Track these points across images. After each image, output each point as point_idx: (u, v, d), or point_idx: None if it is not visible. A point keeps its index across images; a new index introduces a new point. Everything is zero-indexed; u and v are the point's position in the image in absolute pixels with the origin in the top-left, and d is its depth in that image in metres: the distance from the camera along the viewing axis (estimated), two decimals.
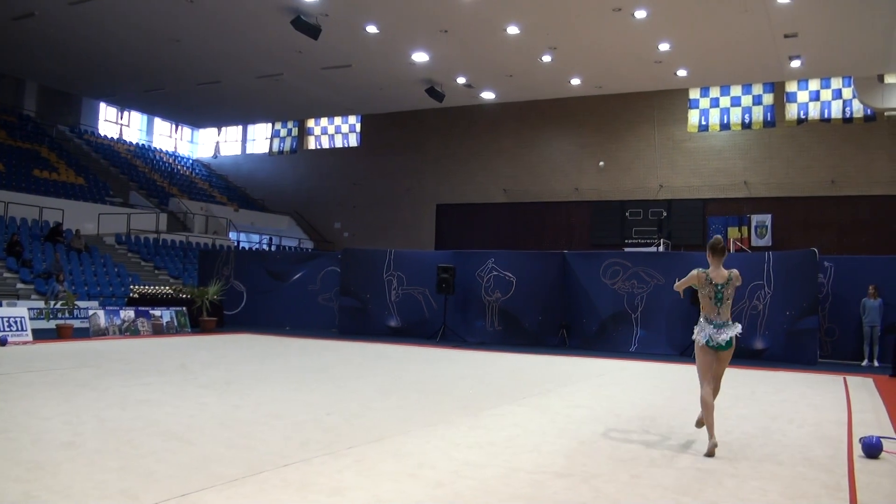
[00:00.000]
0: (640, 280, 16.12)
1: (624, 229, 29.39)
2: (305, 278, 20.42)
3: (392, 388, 9.29)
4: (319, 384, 9.38)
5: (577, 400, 8.74)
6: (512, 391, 9.37)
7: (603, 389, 9.75)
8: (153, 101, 34.31)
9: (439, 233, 33.32)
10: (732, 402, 8.83)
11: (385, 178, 34.72)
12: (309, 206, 36.79)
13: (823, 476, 5.36)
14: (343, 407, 7.68)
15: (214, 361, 11.68)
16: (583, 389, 9.71)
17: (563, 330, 16.89)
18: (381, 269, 18.96)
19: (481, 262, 17.90)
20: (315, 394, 8.53)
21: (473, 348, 15.94)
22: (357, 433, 6.35)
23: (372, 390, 8.98)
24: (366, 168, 35.36)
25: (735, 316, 14.83)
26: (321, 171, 36.65)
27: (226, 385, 9.01)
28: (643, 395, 9.29)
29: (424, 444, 5.97)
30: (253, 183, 38.79)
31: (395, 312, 18.71)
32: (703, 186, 28.42)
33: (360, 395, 8.53)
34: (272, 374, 10.23)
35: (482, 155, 32.56)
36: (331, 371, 10.91)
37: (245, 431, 6.27)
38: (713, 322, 6.21)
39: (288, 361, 12.10)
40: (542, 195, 31.12)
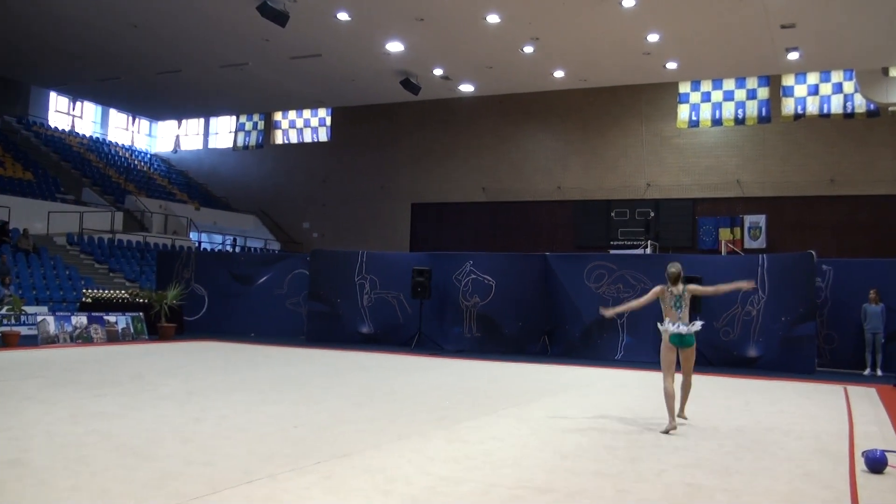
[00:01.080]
0: (627, 284, 16.20)
1: (609, 230, 29.56)
2: (272, 282, 20.31)
3: (364, 398, 9.27)
4: (286, 395, 9.33)
5: (559, 411, 8.77)
6: (491, 401, 9.38)
7: (587, 399, 9.78)
8: (108, 90, 33.95)
9: (414, 233, 33.31)
10: (725, 413, 8.90)
11: (357, 176, 34.65)
12: (276, 205, 36.63)
13: (823, 492, 5.36)
14: (311, 419, 7.65)
15: (174, 371, 11.58)
16: (566, 399, 9.74)
17: (545, 337, 16.93)
18: (353, 271, 18.90)
19: (459, 264, 17.90)
20: (281, 405, 8.49)
21: (450, 356, 15.94)
22: (326, 447, 6.32)
23: (342, 401, 8.95)
24: (336, 164, 35.27)
25: (727, 321, 15.15)
26: (289, 168, 36.50)
27: (186, 396, 8.93)
28: (630, 405, 9.34)
29: (397, 459, 5.96)
30: (216, 179, 38.54)
31: (367, 318, 18.66)
32: (693, 185, 28.67)
33: (329, 407, 8.49)
34: (236, 385, 10.16)
35: (460, 151, 32.60)
36: (298, 381, 10.86)
37: (206, 446, 6.22)
38: (675, 324, 7.94)
39: (253, 371, 12.03)
40: (524, 194, 31.22)
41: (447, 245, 30.26)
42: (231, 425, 7.16)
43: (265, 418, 7.61)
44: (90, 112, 38.41)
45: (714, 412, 8.99)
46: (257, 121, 37.53)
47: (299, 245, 35.11)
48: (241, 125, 38.01)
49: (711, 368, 14.45)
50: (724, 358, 15.18)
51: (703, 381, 12.48)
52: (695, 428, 7.83)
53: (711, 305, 15.29)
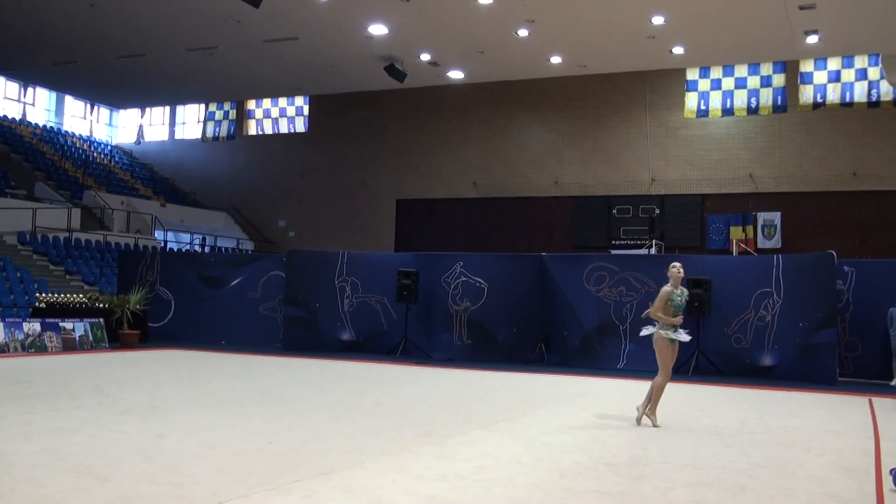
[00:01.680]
0: (630, 287, 16.22)
1: (611, 229, 29.61)
2: (244, 285, 20.24)
3: (344, 411, 9.23)
4: (260, 408, 9.28)
5: (557, 425, 8.75)
6: (482, 414, 9.36)
7: (587, 412, 9.77)
8: (64, 76, 33.75)
9: (400, 232, 33.27)
10: (738, 427, 8.90)
11: (337, 170, 34.59)
12: (249, 201, 36.53)
13: None
14: (288, 434, 7.61)
15: (137, 382, 11.51)
16: (564, 412, 9.73)
17: (542, 344, 16.93)
18: (333, 273, 18.85)
19: (448, 266, 17.88)
20: (255, 419, 8.44)
21: (439, 365, 15.92)
22: (304, 465, 6.29)
23: (321, 414, 8.91)
24: (315, 158, 35.20)
25: (738, 328, 15.14)
26: (263, 161, 36.40)
27: (150, 410, 8.88)
28: (634, 418, 9.32)
29: (381, 478, 5.93)
30: (183, 173, 38.41)
31: (348, 324, 18.61)
32: (701, 180, 28.74)
33: (307, 421, 8.45)
34: (205, 397, 10.10)
35: (449, 143, 32.59)
36: (273, 392, 10.82)
37: (172, 465, 6.17)
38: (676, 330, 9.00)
39: (224, 382, 11.97)
40: (518, 189, 31.24)
41: (435, 245, 30.22)
42: (199, 442, 7.11)
43: (237, 433, 7.56)
44: (43, 99, 38.20)
45: (726, 426, 8.99)
46: (228, 110, 37.42)
47: (274, 245, 35.01)
48: (211, 114, 37.88)
49: (722, 378, 14.48)
50: (735, 367, 15.21)
51: (714, 392, 12.50)
52: (705, 443, 7.83)
53: (722, 310, 15.34)
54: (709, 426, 8.88)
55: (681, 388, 12.74)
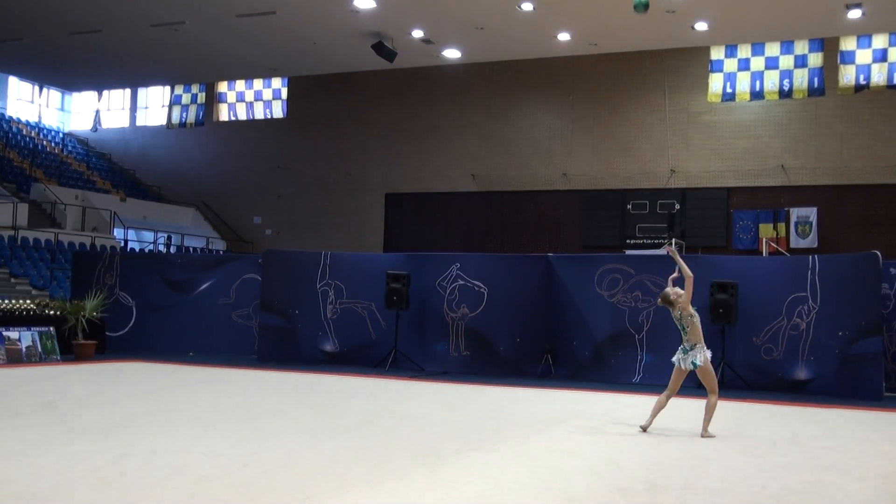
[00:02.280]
0: (647, 291, 16.19)
1: (625, 226, 29.62)
2: (215, 289, 20.20)
3: (327, 431, 9.20)
4: (232, 427, 9.25)
5: (565, 446, 8.73)
6: (482, 434, 9.33)
7: (599, 432, 9.76)
8: (8, 54, 33.66)
9: (389, 231, 33.27)
10: (768, 448, 8.89)
11: (319, 160, 34.58)
12: (220, 196, 36.50)
13: None
14: (263, 457, 7.59)
15: (93, 398, 11.47)
16: (573, 432, 9.71)
17: (548, 355, 16.90)
18: (314, 276, 18.82)
19: (443, 268, 17.85)
20: (226, 440, 8.41)
21: (433, 379, 15.88)
22: (281, 491, 6.27)
23: (300, 435, 8.88)
24: (294, 147, 35.18)
25: (769, 337, 15.14)
26: (236, 150, 36.38)
27: (108, 430, 8.84)
28: (651, 439, 9.32)
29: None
30: (146, 165, 38.36)
31: (331, 333, 18.59)
32: (727, 172, 28.77)
33: (284, 442, 8.43)
34: (170, 415, 10.07)
35: (444, 131, 32.59)
36: (247, 410, 10.80)
37: (132, 490, 6.14)
38: (683, 348, 9.92)
39: (191, 398, 11.95)
40: (521, 182, 31.24)
41: (429, 245, 30.21)
42: (164, 465, 7.08)
43: (206, 456, 7.53)
44: None
45: (755, 446, 8.97)
46: (197, 93, 37.39)
47: (249, 245, 34.98)
48: (177, 98, 37.84)
49: (751, 394, 14.45)
50: (766, 381, 15.19)
51: (742, 410, 12.48)
52: (732, 466, 7.81)
53: (751, 318, 15.32)
54: (736, 447, 8.86)
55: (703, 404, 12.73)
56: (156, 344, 19.98)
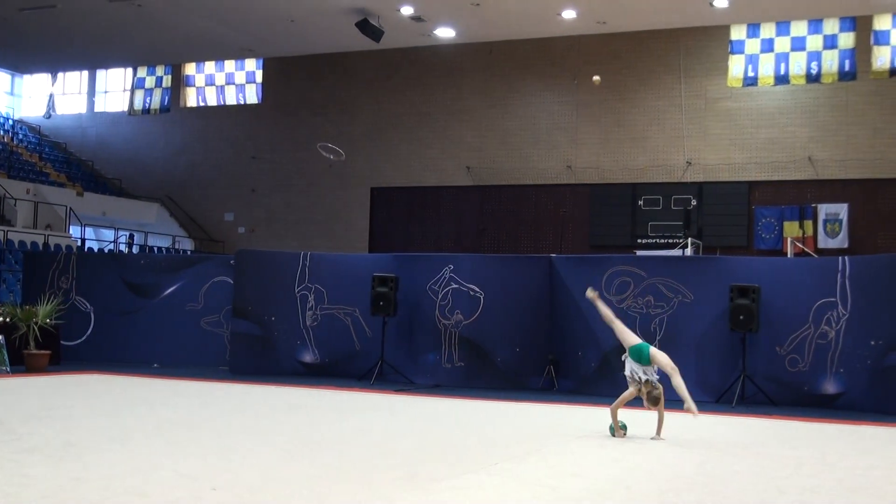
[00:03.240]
0: (660, 296, 16.22)
1: (636, 224, 29.65)
2: (182, 293, 20.17)
3: (304, 450, 9.19)
4: (201, 446, 9.24)
5: (569, 466, 8.74)
6: (478, 454, 9.34)
7: (607, 451, 9.76)
8: None
9: (375, 229, 33.24)
10: (793, 469, 8.90)
11: (298, 151, 34.54)
12: (188, 190, 36.44)
13: None
14: (235, 478, 7.58)
15: (46, 414, 11.42)
16: (578, 451, 9.72)
17: (551, 367, 16.91)
18: (292, 279, 18.80)
19: (435, 270, 17.84)
20: (195, 459, 8.40)
21: (423, 393, 15.89)
22: None
23: (276, 454, 8.87)
24: (270, 135, 35.14)
25: (794, 346, 15.17)
26: (205, 139, 36.34)
27: (63, 449, 8.82)
28: (665, 460, 9.33)
29: None
30: (105, 155, 38.27)
31: (311, 342, 18.57)
32: (748, 164, 28.81)
33: (258, 461, 8.42)
34: (132, 433, 10.05)
35: (436, 119, 32.58)
36: (217, 427, 10.78)
37: None
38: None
39: (156, 413, 11.91)
40: (522, 176, 31.25)
41: (419, 244, 30.21)
42: (125, 487, 7.06)
43: (172, 477, 7.51)
44: None
45: (777, 467, 8.99)
46: (162, 76, 37.35)
47: (220, 244, 34.93)
48: (140, 81, 37.78)
49: (774, 409, 14.48)
50: (790, 395, 15.21)
51: (764, 426, 12.51)
52: (751, 488, 7.83)
53: (774, 325, 15.32)
54: (758, 468, 8.88)
55: (723, 422, 12.75)
56: (116, 354, 19.93)
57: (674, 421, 12.94)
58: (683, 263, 17.70)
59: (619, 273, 16.60)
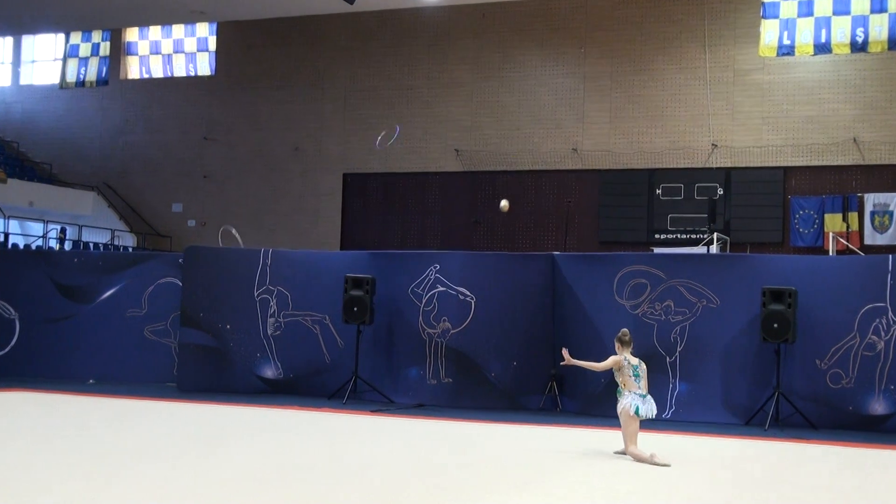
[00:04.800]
0: (680, 300, 16.21)
1: (653, 217, 29.65)
2: (123, 297, 20.09)
3: (264, 483, 9.17)
4: (139, 476, 9.21)
5: (574, 501, 8.74)
6: (467, 486, 9.34)
7: (618, 484, 9.76)
8: None
9: (349, 222, 33.20)
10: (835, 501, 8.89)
11: (258, 131, 34.47)
12: (129, 176, 36.33)
13: None
14: None
15: None
16: (584, 484, 9.72)
17: (553, 384, 16.88)
18: (251, 281, 18.75)
19: (419, 270, 17.80)
20: (132, 491, 8.38)
21: (405, 414, 15.88)
22: None
23: (227, 485, 8.85)
24: (225, 112, 35.06)
25: (837, 360, 15.14)
26: (150, 117, 36.23)
27: None
28: (687, 495, 9.32)
29: None
30: (33, 135, 38.13)
31: (273, 355, 18.53)
32: (784, 147, 28.82)
33: (207, 494, 8.41)
34: (61, 459, 10.01)
35: (420, 93, 32.55)
36: (160, 454, 10.73)
37: None
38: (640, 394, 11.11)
39: (91, 438, 11.87)
40: (519, 160, 31.23)
41: (400, 240, 30.20)
42: None
43: None
44: None
45: (817, 501, 8.99)
46: (99, 43, 37.21)
47: (166, 240, 34.84)
48: (74, 49, 37.64)
49: (813, 433, 14.48)
50: (832, 416, 15.20)
51: (801, 452, 12.53)
52: None
53: (813, 334, 15.28)
54: (794, 501, 8.88)
55: (754, 447, 12.76)
56: (45, 368, 19.86)
57: (698, 446, 12.97)
58: (708, 263, 17.67)
59: (633, 274, 16.59)
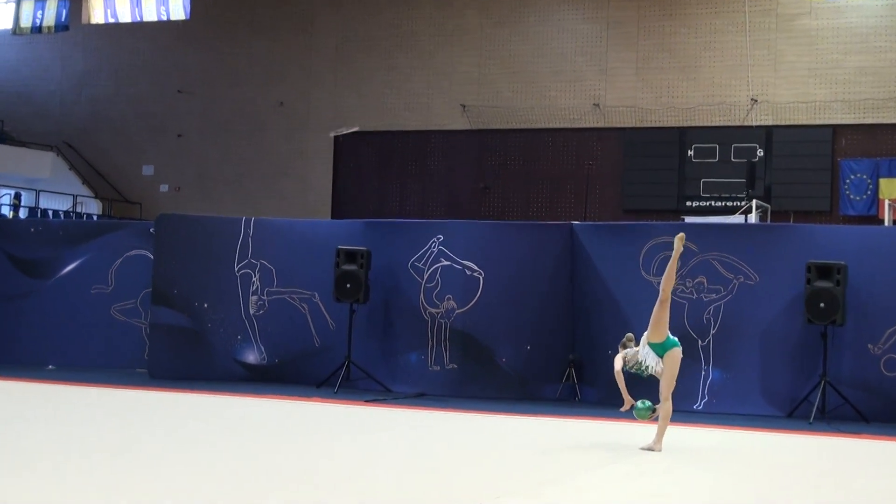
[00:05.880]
0: (715, 276, 16.20)
1: (684, 181, 29.62)
2: (87, 272, 20.11)
3: (246, 483, 9.18)
4: (107, 475, 9.23)
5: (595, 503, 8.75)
6: (474, 487, 9.35)
7: (643, 484, 9.78)
8: None
9: (340, 187, 33.18)
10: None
11: (239, 84, 34.43)
12: (93, 135, 36.30)
13: None
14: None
15: None
16: (606, 484, 9.74)
17: (571, 370, 16.91)
18: (231, 254, 18.75)
19: (420, 242, 17.80)
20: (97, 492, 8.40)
21: (404, 405, 15.93)
22: None
23: (205, 487, 8.85)
24: (202, 63, 34.99)
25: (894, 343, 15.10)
26: (116, 68, 36.18)
27: None
28: (720, 497, 9.34)
29: None
30: None
31: (255, 338, 18.55)
32: (833, 102, 28.75)
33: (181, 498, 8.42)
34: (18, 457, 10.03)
35: (420, 42, 32.47)
36: (128, 450, 10.73)
37: None
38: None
39: (50, 432, 11.86)
40: (534, 117, 31.19)
41: (398, 208, 30.19)
42: None
43: None
44: None
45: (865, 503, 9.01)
46: None
47: (136, 207, 34.84)
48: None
49: (864, 427, 14.49)
50: (887, 408, 15.19)
51: (851, 449, 12.53)
52: None
53: (866, 315, 15.27)
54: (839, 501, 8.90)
55: (797, 444, 12.77)
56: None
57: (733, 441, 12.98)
58: (746, 234, 17.66)
59: (661, 246, 16.53)
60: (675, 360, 11.52)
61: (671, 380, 11.45)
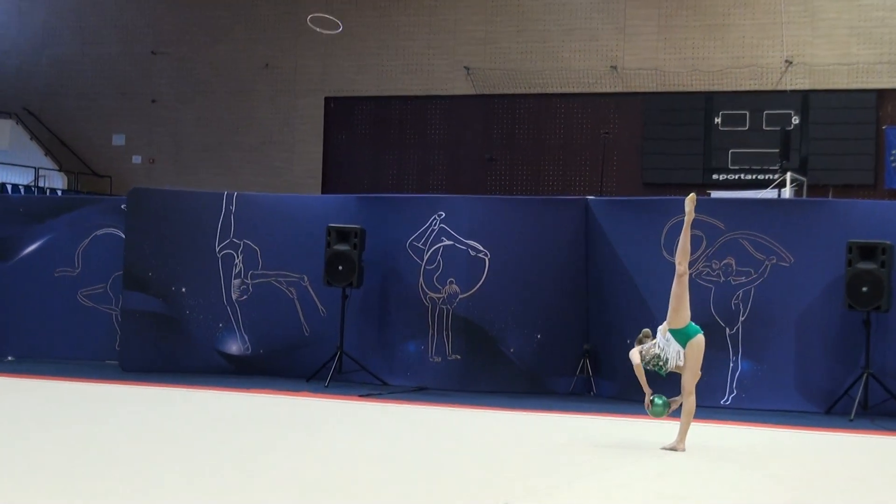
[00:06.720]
0: (744, 258, 16.21)
1: (711, 152, 29.63)
2: (50, 253, 20.15)
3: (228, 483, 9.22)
4: (74, 479, 9.26)
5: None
6: (480, 489, 9.38)
7: (665, 487, 9.80)
8: None
9: (332, 158, 33.20)
10: None
11: (220, 43, 34.42)
12: (56, 100, 36.30)
13: None
14: None
15: None
16: (624, 487, 9.76)
17: (586, 361, 16.95)
18: (212, 233, 18.78)
19: (419, 219, 17.82)
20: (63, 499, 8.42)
21: (402, 399, 15.99)
22: None
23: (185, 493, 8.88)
24: (177, 20, 34.98)
25: None
26: (82, 26, 36.15)
27: None
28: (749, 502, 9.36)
29: None
30: None
31: (238, 325, 18.60)
32: (877, 65, 28.72)
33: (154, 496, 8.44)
34: None
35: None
36: (99, 452, 10.77)
37: None
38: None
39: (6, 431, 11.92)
40: (545, 81, 31.20)
41: (395, 182, 30.22)
42: None
43: None
44: None
45: None
46: None
47: (105, 180, 34.85)
48: None
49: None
50: None
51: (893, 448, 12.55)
52: None
53: None
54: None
55: (837, 443, 12.80)
56: None
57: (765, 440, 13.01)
58: (779, 210, 17.65)
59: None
60: (699, 349, 11.54)
61: (695, 371, 11.49)
